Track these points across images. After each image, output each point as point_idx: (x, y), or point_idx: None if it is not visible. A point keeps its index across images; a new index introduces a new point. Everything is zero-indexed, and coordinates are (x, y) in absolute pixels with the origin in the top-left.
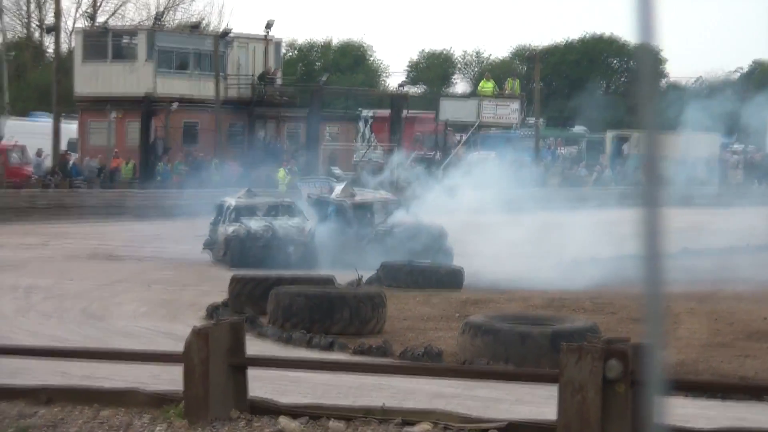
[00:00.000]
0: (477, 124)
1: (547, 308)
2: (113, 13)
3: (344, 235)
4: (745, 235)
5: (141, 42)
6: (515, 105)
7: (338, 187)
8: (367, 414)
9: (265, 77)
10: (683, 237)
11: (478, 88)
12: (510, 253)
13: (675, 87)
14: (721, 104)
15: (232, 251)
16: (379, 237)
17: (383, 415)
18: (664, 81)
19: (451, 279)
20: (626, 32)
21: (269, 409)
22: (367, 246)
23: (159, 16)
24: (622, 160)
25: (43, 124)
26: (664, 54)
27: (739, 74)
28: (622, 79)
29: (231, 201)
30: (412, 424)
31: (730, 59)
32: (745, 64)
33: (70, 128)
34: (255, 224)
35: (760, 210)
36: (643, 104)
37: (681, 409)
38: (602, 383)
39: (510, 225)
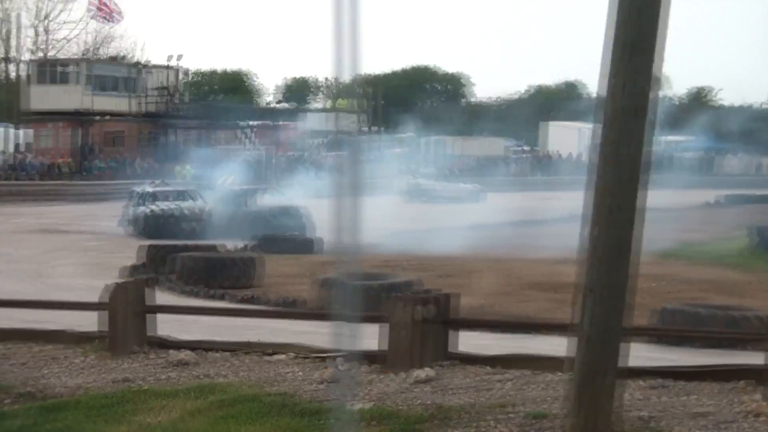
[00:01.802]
0: (332, 131)
1: (384, 267)
2: (60, 50)
3: (233, 213)
4: (529, 212)
5: (81, 70)
6: (360, 117)
7: (227, 180)
8: (245, 347)
9: (172, 96)
10: (483, 214)
11: (336, 104)
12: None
13: (479, 105)
14: (509, 116)
15: (148, 226)
16: (258, 215)
17: (257, 347)
18: (471, 100)
19: (309, 247)
20: (441, 62)
21: (168, 345)
22: (249, 222)
23: (94, 50)
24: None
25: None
26: (472, 79)
27: (527, 94)
28: (442, 99)
29: (148, 188)
30: (278, 354)
31: (518, 83)
32: (523, 88)
33: (25, 133)
34: (166, 205)
35: (538, 194)
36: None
37: (481, 341)
38: (417, 322)
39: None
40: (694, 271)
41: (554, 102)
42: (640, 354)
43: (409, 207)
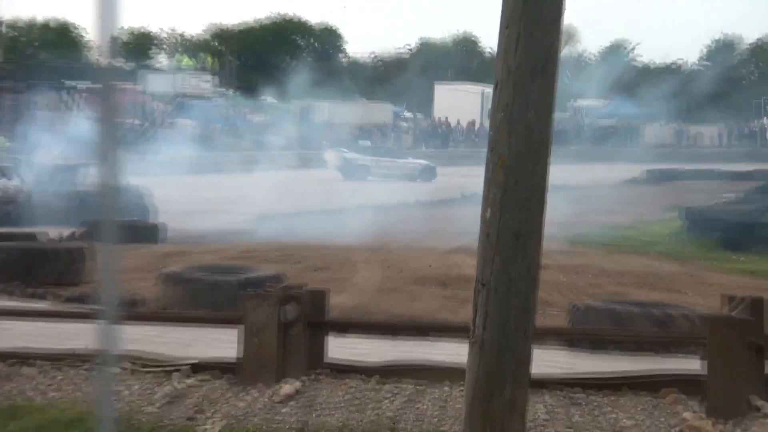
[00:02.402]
0: (179, 95)
1: (239, 259)
2: None
3: (56, 194)
4: (415, 194)
5: None
6: (210, 78)
7: (49, 153)
8: (70, 357)
9: None
10: (359, 195)
11: (179, 62)
12: (208, 210)
13: (355, 63)
14: (393, 78)
15: None
16: (87, 197)
17: (85, 358)
18: (345, 58)
19: (152, 234)
20: (310, 13)
21: None
22: (76, 205)
23: None
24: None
25: None
26: (344, 33)
27: (408, 51)
28: (308, 57)
29: None
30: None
31: (400, 38)
32: (413, 42)
33: None
34: None
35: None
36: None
37: (357, 347)
38: (279, 325)
39: (208, 186)
40: (611, 261)
41: (449, 60)
42: (546, 360)
43: (331, 186)
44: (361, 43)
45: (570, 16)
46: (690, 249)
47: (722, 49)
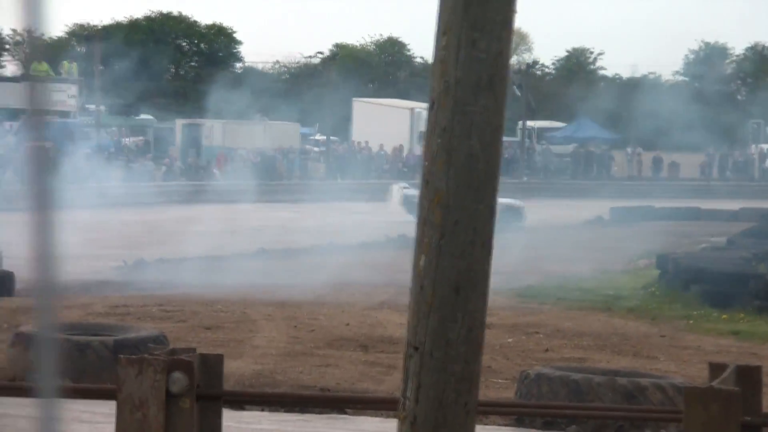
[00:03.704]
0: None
1: (110, 316)
2: None
3: None
4: (328, 233)
5: None
6: (72, 90)
7: None
8: None
9: None
10: (262, 236)
11: (31, 70)
12: (69, 254)
13: (253, 71)
14: (302, 92)
15: None
16: None
17: None
18: (240, 65)
19: (12, 284)
20: (197, 11)
21: None
22: None
23: None
24: (195, 151)
25: None
26: (239, 36)
27: (320, 58)
28: (192, 63)
29: None
30: None
31: (307, 44)
32: (326, 48)
33: None
34: None
35: (342, 206)
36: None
37: (257, 424)
38: (165, 398)
39: (70, 223)
40: (569, 319)
41: (372, 70)
42: None
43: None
44: (262, 47)
45: (520, 20)
46: (664, 305)
47: (704, 60)
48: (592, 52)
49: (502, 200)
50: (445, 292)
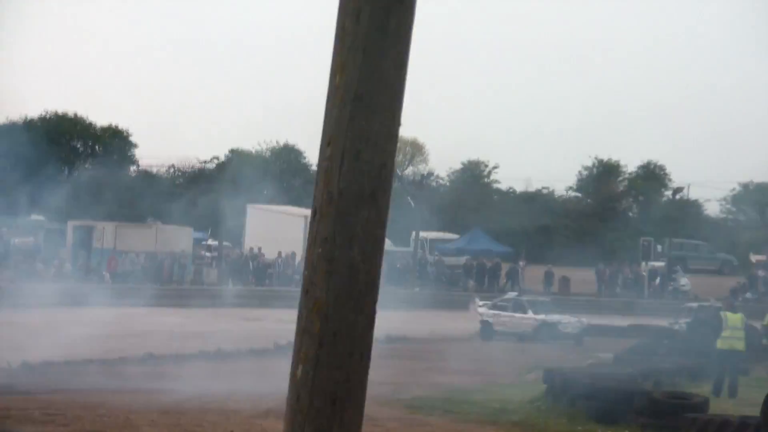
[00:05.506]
0: None
1: None
2: None
3: None
4: (217, 339)
5: None
6: None
7: None
8: None
9: None
10: (150, 340)
11: None
12: None
13: (147, 174)
14: (195, 197)
15: None
16: None
17: None
18: (134, 168)
19: None
20: (93, 113)
21: None
22: None
23: None
24: (86, 253)
25: None
26: (134, 139)
27: (215, 163)
28: (86, 165)
29: None
30: None
31: (204, 148)
32: (222, 153)
33: None
34: None
35: (233, 312)
36: None
37: None
38: None
39: None
40: (457, 431)
41: (266, 176)
42: None
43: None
44: (158, 150)
45: (417, 131)
46: (549, 419)
47: (597, 177)
48: (486, 165)
49: None
50: (321, 404)
